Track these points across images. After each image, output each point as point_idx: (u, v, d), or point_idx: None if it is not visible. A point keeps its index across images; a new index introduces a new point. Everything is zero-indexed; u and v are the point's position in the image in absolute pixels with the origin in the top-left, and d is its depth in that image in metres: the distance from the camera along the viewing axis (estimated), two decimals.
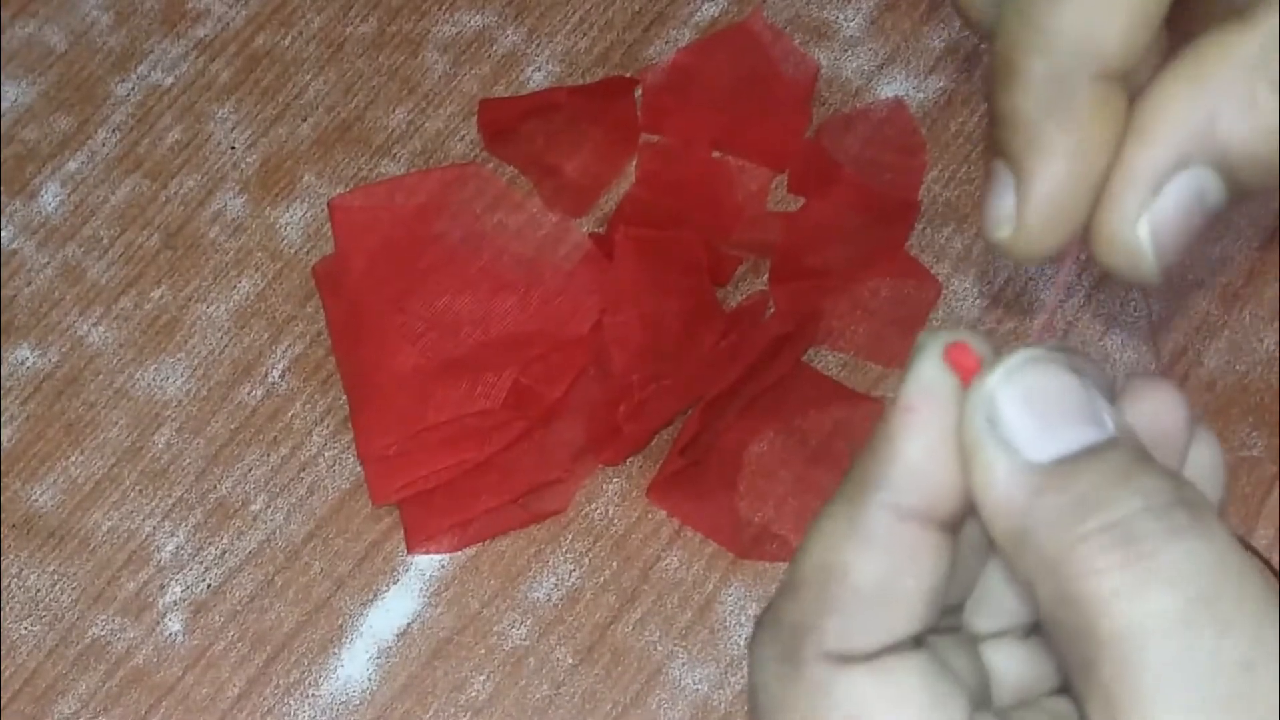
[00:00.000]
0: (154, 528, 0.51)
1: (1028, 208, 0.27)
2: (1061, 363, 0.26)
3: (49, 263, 0.55)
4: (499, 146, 0.55)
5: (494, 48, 0.58)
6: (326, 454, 0.52)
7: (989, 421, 0.25)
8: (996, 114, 0.27)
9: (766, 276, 0.53)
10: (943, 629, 0.29)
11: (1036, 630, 0.30)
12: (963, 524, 0.27)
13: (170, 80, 0.58)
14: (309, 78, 0.57)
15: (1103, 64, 0.26)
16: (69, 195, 0.56)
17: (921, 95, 0.56)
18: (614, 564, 0.50)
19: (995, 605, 0.30)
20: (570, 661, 0.49)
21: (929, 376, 0.26)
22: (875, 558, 0.26)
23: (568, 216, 0.53)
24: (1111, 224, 0.27)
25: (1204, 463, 0.29)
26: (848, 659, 0.26)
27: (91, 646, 0.50)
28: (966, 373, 0.26)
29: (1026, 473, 0.25)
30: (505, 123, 0.55)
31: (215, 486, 0.52)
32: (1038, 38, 0.26)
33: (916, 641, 0.26)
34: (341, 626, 0.50)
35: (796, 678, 0.26)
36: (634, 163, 0.55)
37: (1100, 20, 0.26)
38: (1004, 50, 0.27)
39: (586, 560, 0.50)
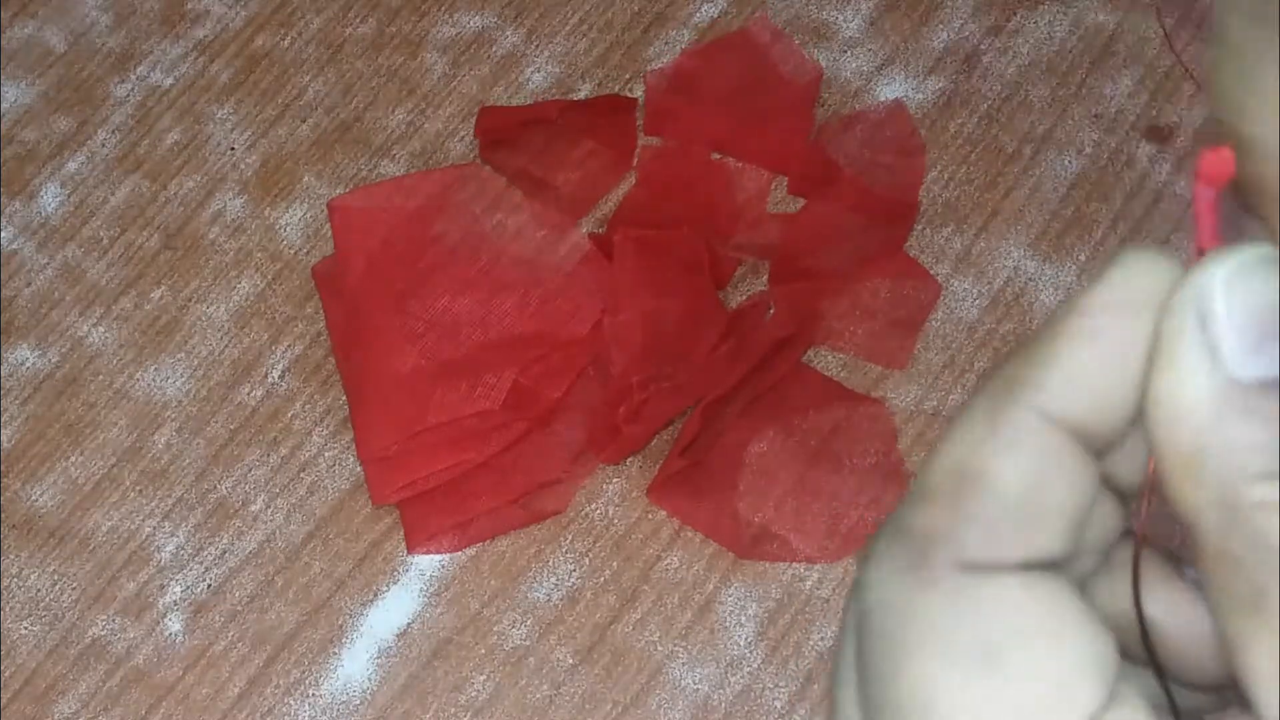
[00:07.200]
0: (154, 528, 0.51)
1: None
2: None
3: (49, 263, 0.55)
4: (494, 155, 0.55)
5: (493, 49, 0.58)
6: (326, 454, 0.52)
7: (1200, 319, 0.23)
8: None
9: (766, 278, 0.53)
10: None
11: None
12: (1106, 453, 0.25)
13: (170, 81, 0.58)
14: (308, 78, 0.57)
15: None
16: (69, 196, 0.56)
17: (921, 96, 0.56)
18: (614, 564, 0.50)
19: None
20: (570, 661, 0.49)
21: (1122, 285, 0.24)
22: (1020, 463, 0.24)
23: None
24: None
25: None
26: (993, 568, 0.24)
27: (91, 646, 0.50)
28: (1216, 179, 0.23)
29: (1222, 386, 0.23)
30: (502, 131, 0.55)
31: (215, 486, 0.52)
32: None
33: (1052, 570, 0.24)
34: (341, 626, 0.50)
35: (931, 586, 0.23)
36: (630, 176, 0.55)
37: None
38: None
39: (586, 560, 0.50)
